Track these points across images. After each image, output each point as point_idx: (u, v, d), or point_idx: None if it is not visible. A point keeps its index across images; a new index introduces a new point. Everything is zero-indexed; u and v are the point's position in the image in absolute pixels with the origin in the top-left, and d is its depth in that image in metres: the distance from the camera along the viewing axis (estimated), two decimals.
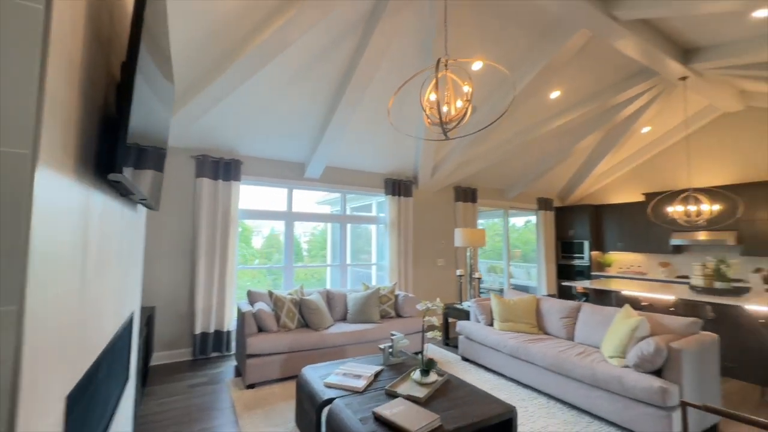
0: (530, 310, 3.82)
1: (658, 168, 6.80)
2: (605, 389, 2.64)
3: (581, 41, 3.86)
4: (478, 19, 3.46)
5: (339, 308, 4.26)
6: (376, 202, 7.11)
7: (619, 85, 4.82)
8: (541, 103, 4.85)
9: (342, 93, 3.82)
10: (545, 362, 3.05)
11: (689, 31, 3.76)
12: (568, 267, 7.71)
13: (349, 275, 5.57)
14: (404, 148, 5.22)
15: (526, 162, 6.47)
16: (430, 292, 5.94)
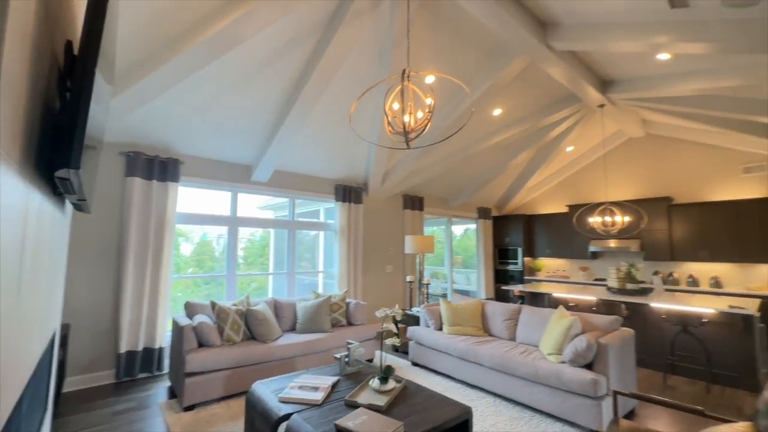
0: (476, 314, 4.02)
1: (580, 183, 7.67)
2: (545, 384, 2.87)
3: (522, 66, 4.23)
4: (434, 36, 3.62)
5: (287, 318, 4.08)
6: (324, 208, 6.99)
7: (550, 108, 5.37)
8: (484, 119, 5.19)
9: (297, 96, 3.71)
10: (492, 362, 3.23)
11: (607, 65, 4.33)
12: (504, 272, 8.30)
13: (285, 284, 5.29)
14: (356, 155, 5.23)
15: (469, 174, 6.86)
16: (380, 299, 5.97)
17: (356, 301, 4.45)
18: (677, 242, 5.99)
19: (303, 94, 3.65)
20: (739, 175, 5.71)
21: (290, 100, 3.82)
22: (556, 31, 3.59)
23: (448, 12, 3.39)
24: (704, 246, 5.73)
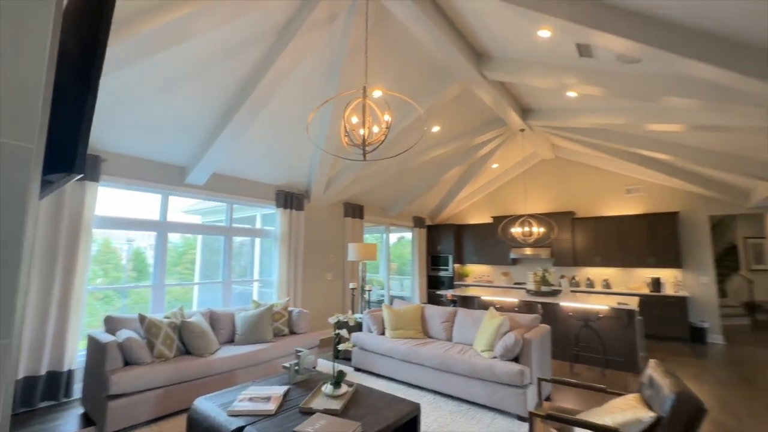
0: (416, 318, 4.26)
1: (503, 196, 8.54)
2: (480, 378, 3.18)
3: (459, 89, 4.67)
4: (383, 54, 3.83)
5: (225, 330, 3.87)
6: (261, 214, 6.75)
7: (480, 129, 5.95)
8: (424, 135, 5.56)
9: (243, 100, 3.61)
10: (433, 362, 3.47)
11: (528, 96, 4.99)
12: (436, 278, 8.82)
13: (221, 293, 4.96)
14: (299, 162, 5.19)
15: (406, 185, 7.22)
16: (321, 307, 5.94)
17: (299, 309, 4.39)
18: (579, 250, 7.03)
19: (251, 99, 3.56)
20: (623, 195, 6.94)
21: (236, 103, 3.70)
22: (489, 62, 4.06)
23: (398, 34, 3.63)
24: (598, 253, 6.81)
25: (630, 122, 4.16)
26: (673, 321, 5.87)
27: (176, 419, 2.92)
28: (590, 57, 3.29)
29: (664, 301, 5.98)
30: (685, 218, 6.31)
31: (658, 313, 5.97)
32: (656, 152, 4.94)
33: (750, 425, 2.96)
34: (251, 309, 4.11)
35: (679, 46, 2.43)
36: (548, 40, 3.22)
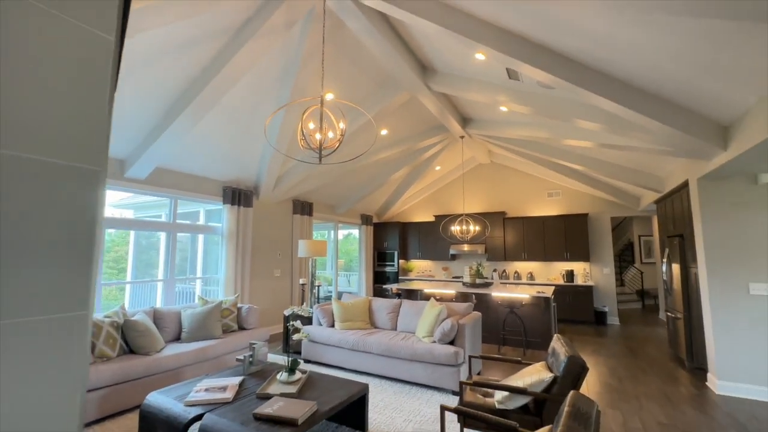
0: (364, 310, 4.55)
1: (444, 196, 9.16)
2: (421, 361, 3.56)
3: (406, 97, 5.02)
4: (336, 61, 4.02)
5: (170, 328, 3.81)
6: (205, 210, 6.56)
7: (425, 134, 6.40)
8: (371, 137, 5.85)
9: (193, 96, 3.57)
10: (380, 349, 3.78)
11: (467, 107, 5.51)
12: (382, 273, 9.20)
13: (160, 291, 4.79)
14: (249, 158, 5.18)
15: (355, 183, 7.47)
16: (268, 303, 5.96)
17: (249, 305, 4.43)
18: (508, 246, 7.84)
19: (201, 95, 3.55)
20: (545, 198, 7.89)
21: (185, 98, 3.64)
22: (434, 75, 4.45)
23: (352, 43, 3.86)
24: (524, 249, 7.68)
25: (550, 137, 4.84)
26: (582, 306, 6.87)
27: (123, 418, 2.88)
28: (518, 80, 3.82)
29: (575, 290, 6.97)
30: (593, 219, 7.39)
31: (570, 300, 6.94)
32: (571, 163, 5.76)
33: (628, 384, 3.71)
34: (198, 306, 4.07)
35: (586, 83, 2.98)
36: (484, 62, 3.67)
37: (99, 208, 0.69)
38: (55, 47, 0.64)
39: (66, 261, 0.63)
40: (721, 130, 3.16)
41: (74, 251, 0.64)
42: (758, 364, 3.41)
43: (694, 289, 4.14)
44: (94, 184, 0.68)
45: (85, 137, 0.67)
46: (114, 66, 0.72)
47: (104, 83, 0.70)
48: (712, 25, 2.06)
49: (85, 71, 0.67)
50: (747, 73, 2.41)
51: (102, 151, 0.69)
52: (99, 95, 0.69)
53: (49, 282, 0.61)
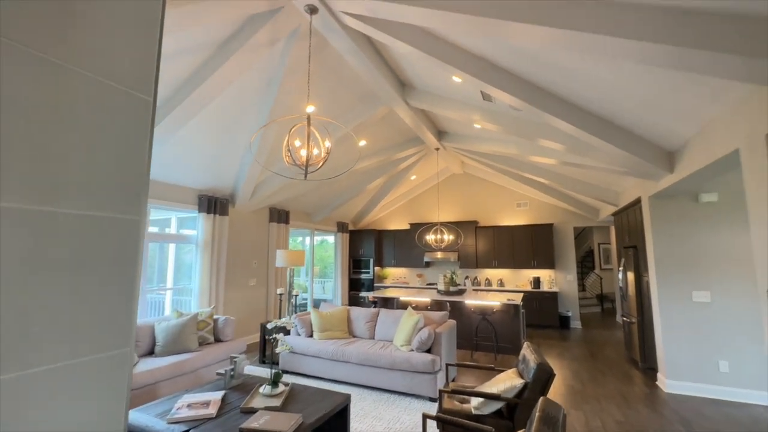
0: (343, 319, 4.62)
1: (419, 205, 9.39)
2: (399, 369, 3.69)
3: (385, 111, 5.17)
4: (319, 74, 4.11)
5: (143, 342, 3.72)
6: (177, 218, 6.39)
7: (402, 146, 6.59)
8: (351, 148, 5.96)
9: (173, 106, 3.55)
10: (359, 359, 3.87)
11: (443, 122, 5.75)
12: (357, 280, 9.27)
13: (143, 304, 4.66)
14: (227, 167, 5.13)
15: (333, 192, 7.53)
16: (244, 313, 5.89)
17: (225, 317, 4.38)
18: (480, 254, 8.16)
19: (182, 106, 3.53)
20: (515, 208, 8.30)
21: (164, 107, 3.60)
22: (412, 92, 4.64)
23: (334, 60, 3.96)
24: (495, 257, 8.02)
25: (518, 153, 5.15)
26: (548, 312, 7.27)
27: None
28: (491, 102, 4.07)
29: (541, 296, 7.36)
30: (558, 228, 7.85)
31: (537, 305, 7.33)
32: (538, 176, 6.13)
33: (589, 386, 4.01)
34: (173, 319, 3.99)
35: (549, 108, 3.25)
36: (460, 84, 3.89)
37: (140, 254, 0.76)
38: (102, 110, 0.72)
39: (115, 299, 0.71)
40: (667, 155, 3.53)
41: (120, 293, 0.72)
42: (700, 364, 3.81)
43: (646, 296, 4.54)
44: (135, 231, 0.75)
45: (128, 191, 0.74)
46: (152, 123, 0.80)
47: (144, 140, 0.78)
48: (662, 71, 2.35)
49: (128, 131, 0.75)
50: (687, 111, 2.74)
51: (143, 203, 0.77)
52: (140, 151, 0.77)
53: (99, 323, 0.68)
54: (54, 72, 0.63)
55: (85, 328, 0.66)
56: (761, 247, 2.20)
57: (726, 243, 3.82)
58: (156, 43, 0.81)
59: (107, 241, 0.71)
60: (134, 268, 0.75)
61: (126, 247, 0.74)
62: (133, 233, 0.75)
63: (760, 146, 2.15)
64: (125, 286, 0.73)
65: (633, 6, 1.90)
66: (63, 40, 0.65)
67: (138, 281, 0.76)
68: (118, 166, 0.74)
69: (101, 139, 0.71)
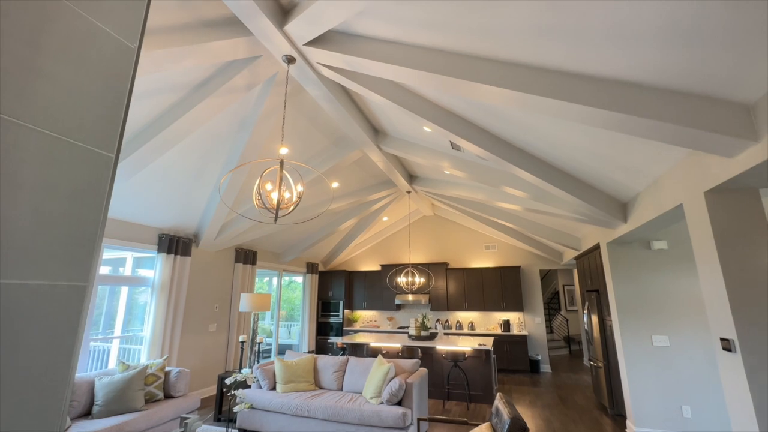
0: (309, 369, 4.35)
1: (390, 246, 9.39)
2: (368, 425, 3.46)
3: (358, 155, 5.29)
4: (294, 117, 4.19)
5: (80, 400, 3.29)
6: (134, 257, 5.98)
7: (374, 188, 6.69)
8: (324, 189, 5.97)
9: (139, 144, 3.45)
10: (325, 414, 3.60)
11: (415, 167, 5.94)
12: (326, 324, 8.90)
13: (85, 355, 4.18)
14: (192, 207, 4.95)
15: (303, 232, 7.41)
16: (201, 363, 5.42)
17: (179, 369, 4.00)
18: (451, 296, 8.16)
19: (148, 146, 3.43)
20: (483, 250, 8.49)
21: (129, 146, 3.49)
22: (385, 138, 4.81)
23: (309, 105, 4.07)
24: (465, 299, 8.04)
25: (486, 199, 5.36)
26: (518, 356, 7.24)
27: None
28: (459, 150, 4.28)
29: (511, 339, 7.36)
30: (525, 271, 8.06)
31: (507, 349, 7.30)
32: (504, 221, 6.37)
33: None
34: (117, 373, 3.59)
35: (513, 159, 3.46)
36: (430, 133, 4.09)
37: (83, 322, 0.68)
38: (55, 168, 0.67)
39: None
40: (621, 206, 3.80)
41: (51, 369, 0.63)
42: (666, 410, 3.86)
43: (611, 339, 4.65)
44: (79, 299, 0.68)
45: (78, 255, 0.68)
46: (111, 179, 0.76)
47: (101, 198, 0.73)
48: (612, 134, 2.59)
49: (83, 189, 0.70)
50: (636, 168, 3.00)
51: (93, 267, 0.71)
52: (95, 209, 0.72)
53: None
54: (6, 129, 0.59)
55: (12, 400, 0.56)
56: (710, 294, 2.34)
57: (678, 288, 4.05)
58: (125, 98, 0.79)
59: (46, 312, 0.63)
60: (74, 337, 0.67)
61: (66, 317, 0.66)
62: (76, 301, 0.68)
63: (700, 202, 2.36)
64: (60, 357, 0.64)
65: (585, 78, 2.11)
66: (19, 97, 0.61)
67: (77, 351, 0.68)
68: (69, 225, 0.68)
69: (50, 198, 0.66)
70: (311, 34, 2.60)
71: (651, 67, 1.87)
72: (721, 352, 2.26)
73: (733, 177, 2.02)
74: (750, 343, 2.09)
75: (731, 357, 2.17)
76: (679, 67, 1.81)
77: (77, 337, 0.68)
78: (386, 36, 2.52)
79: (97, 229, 0.72)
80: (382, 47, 2.57)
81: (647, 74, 1.93)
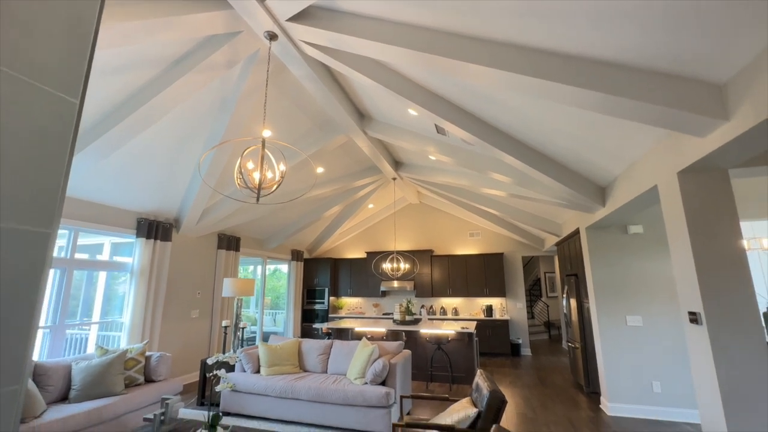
0: (293, 353, 4.36)
1: (376, 234, 9.41)
2: (352, 405, 3.50)
3: (343, 139, 5.24)
4: (277, 99, 4.10)
5: (56, 385, 3.21)
6: (112, 243, 5.82)
7: (360, 174, 6.66)
8: (309, 174, 5.91)
9: (115, 121, 3.32)
10: (309, 395, 3.63)
11: (400, 153, 5.93)
12: (311, 311, 8.90)
13: (47, 341, 3.99)
14: (172, 190, 4.82)
15: (288, 218, 7.33)
16: (183, 349, 5.35)
17: (160, 353, 3.94)
18: (435, 283, 8.26)
19: (125, 123, 3.31)
20: (468, 237, 8.60)
21: (105, 123, 3.36)
22: (371, 122, 4.77)
23: (292, 85, 3.99)
24: (449, 286, 8.16)
25: (471, 185, 5.41)
26: (500, 339, 7.43)
27: None
28: (445, 135, 4.28)
29: (493, 324, 7.53)
30: (508, 258, 8.22)
31: (489, 333, 7.47)
32: (489, 208, 6.45)
33: (541, 414, 4.08)
34: (96, 357, 3.52)
35: (497, 142, 3.49)
36: (416, 117, 4.07)
37: (45, 276, 0.66)
38: (17, 110, 0.64)
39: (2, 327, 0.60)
40: (600, 190, 3.90)
41: (12, 318, 0.61)
42: (637, 386, 4.04)
43: (588, 322, 4.82)
44: (43, 246, 0.66)
45: (41, 201, 0.65)
46: (75, 127, 0.72)
47: (65, 146, 0.70)
48: (591, 117, 2.64)
49: (48, 135, 0.67)
50: (614, 152, 3.07)
51: (57, 215, 0.68)
52: (60, 158, 0.69)
53: None
54: None
55: None
56: (681, 270, 2.44)
57: (652, 270, 4.21)
58: (89, 42, 0.76)
59: (7, 256, 0.60)
60: (36, 286, 0.65)
61: (30, 263, 0.64)
62: (40, 248, 0.65)
63: (673, 183, 2.44)
64: (20, 311, 0.62)
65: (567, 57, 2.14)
66: None
67: (38, 308, 0.65)
68: (33, 171, 0.65)
69: (13, 142, 0.63)
70: (294, 8, 2.53)
71: (629, 47, 1.90)
72: (688, 324, 2.38)
73: (705, 156, 2.09)
74: (714, 316, 2.19)
75: (698, 329, 2.28)
76: (656, 47, 1.84)
77: (40, 287, 0.65)
78: (371, 12, 2.48)
79: (60, 177, 0.69)
80: (366, 24, 2.53)
81: (626, 54, 1.96)
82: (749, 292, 2.21)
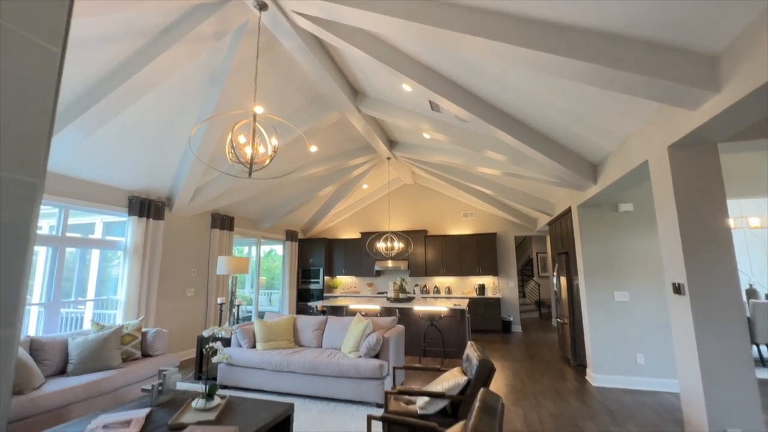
0: (289, 328, 4.43)
1: (370, 214, 9.42)
2: (347, 377, 3.60)
3: (337, 117, 5.17)
4: (268, 73, 4.01)
5: (52, 360, 3.25)
6: (103, 222, 5.77)
7: (354, 153, 6.61)
8: (301, 152, 5.85)
9: (100, 95, 3.23)
10: (305, 368, 3.71)
11: (394, 131, 5.88)
12: (307, 291, 9.00)
13: (43, 318, 4.00)
14: (164, 167, 4.76)
15: (281, 198, 7.30)
16: (179, 327, 5.41)
17: (156, 329, 3.99)
18: (429, 262, 8.36)
19: (111, 96, 3.23)
20: (461, 217, 8.65)
21: (90, 96, 3.27)
22: (365, 99, 4.70)
23: (284, 59, 3.89)
24: (443, 265, 8.26)
25: (465, 164, 5.41)
26: (491, 317, 7.60)
27: None
28: (439, 112, 4.24)
29: (486, 302, 7.69)
30: (501, 238, 8.31)
31: (481, 311, 7.63)
32: (483, 187, 6.47)
33: (529, 385, 4.23)
34: (92, 333, 3.55)
35: (491, 119, 3.47)
36: (410, 93, 4.02)
37: (35, 225, 0.66)
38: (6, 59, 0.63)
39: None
40: (592, 167, 3.92)
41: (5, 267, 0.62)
42: (621, 358, 4.19)
43: (577, 298, 4.94)
44: (30, 195, 0.65)
45: (26, 149, 0.65)
46: (58, 77, 0.71)
47: (49, 95, 0.69)
48: (584, 91, 2.62)
49: (31, 84, 0.66)
50: (606, 128, 3.08)
51: (43, 163, 0.67)
52: (44, 107, 0.68)
53: None
54: None
55: None
56: (667, 242, 2.50)
57: (640, 248, 4.30)
58: None
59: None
60: (25, 241, 0.65)
61: (18, 214, 0.64)
62: (27, 198, 0.65)
63: (663, 157, 2.46)
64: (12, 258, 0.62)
65: (560, 27, 2.11)
66: None
67: (30, 256, 0.66)
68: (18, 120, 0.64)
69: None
70: None
71: (617, 13, 1.88)
72: (672, 295, 2.45)
73: (695, 129, 2.10)
74: (697, 287, 2.26)
75: (681, 299, 2.36)
76: (649, 16, 1.82)
77: (30, 239, 0.65)
78: None
79: (45, 126, 0.69)
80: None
81: (614, 22, 1.94)
82: (732, 266, 2.28)
